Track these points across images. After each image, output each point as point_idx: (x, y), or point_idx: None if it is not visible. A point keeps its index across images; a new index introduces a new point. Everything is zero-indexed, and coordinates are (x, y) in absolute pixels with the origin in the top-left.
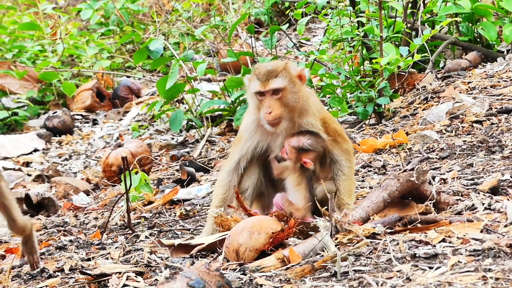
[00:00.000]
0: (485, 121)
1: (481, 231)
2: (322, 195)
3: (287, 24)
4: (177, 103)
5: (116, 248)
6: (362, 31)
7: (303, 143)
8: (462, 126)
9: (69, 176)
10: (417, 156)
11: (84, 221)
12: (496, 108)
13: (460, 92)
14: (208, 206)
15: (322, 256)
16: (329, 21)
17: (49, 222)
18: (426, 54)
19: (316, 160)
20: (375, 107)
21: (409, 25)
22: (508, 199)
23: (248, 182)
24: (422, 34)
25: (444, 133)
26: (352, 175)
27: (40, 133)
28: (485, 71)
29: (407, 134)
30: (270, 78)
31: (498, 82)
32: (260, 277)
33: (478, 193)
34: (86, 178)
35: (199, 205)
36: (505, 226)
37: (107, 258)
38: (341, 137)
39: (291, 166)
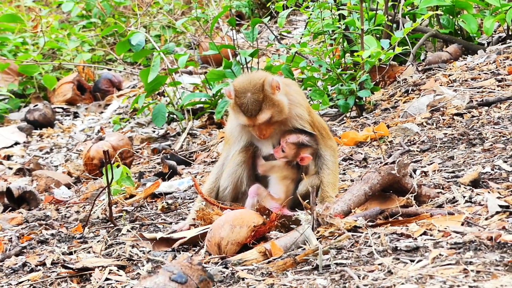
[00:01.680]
0: (466, 113)
1: (462, 224)
2: (306, 190)
3: (269, 17)
4: (158, 95)
5: (98, 242)
6: (343, 24)
7: (302, 139)
8: (442, 119)
9: (50, 170)
10: (398, 149)
11: (65, 214)
12: (476, 100)
13: (440, 85)
14: (190, 199)
15: (304, 249)
16: (310, 14)
17: (30, 215)
18: (407, 46)
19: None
20: (356, 100)
21: (390, 17)
22: (488, 192)
23: (229, 180)
24: (403, 27)
25: (425, 126)
26: (336, 170)
27: (21, 126)
28: (465, 64)
29: (388, 127)
30: (256, 113)
31: (479, 74)
32: (242, 270)
33: (459, 186)
34: (68, 172)
35: (181, 198)
36: (486, 219)
37: (89, 252)
38: (326, 132)
39: (280, 164)
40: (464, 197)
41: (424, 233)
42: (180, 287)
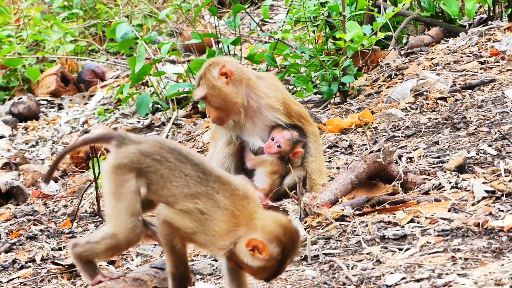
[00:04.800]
0: (449, 97)
1: (449, 211)
2: (293, 183)
3: (250, 3)
4: (142, 86)
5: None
6: (326, 10)
7: (295, 135)
8: (426, 103)
9: (36, 163)
10: (383, 135)
11: (53, 209)
12: (460, 84)
13: (423, 69)
14: None
15: None
16: (292, 1)
17: (18, 211)
18: (389, 32)
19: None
20: (340, 86)
21: (371, 2)
22: (474, 177)
23: None
24: (385, 11)
25: (409, 111)
26: (320, 156)
27: (5, 119)
28: (447, 47)
29: (372, 112)
30: (196, 87)
31: (461, 57)
32: None
33: (445, 172)
34: None
35: None
36: (473, 204)
37: None
38: (305, 119)
39: (271, 159)
40: (450, 183)
41: (411, 221)
42: (160, 271)
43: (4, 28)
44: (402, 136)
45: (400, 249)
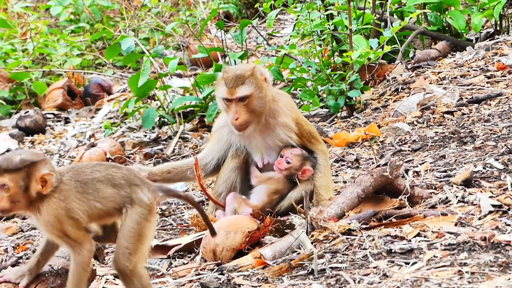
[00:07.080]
0: (456, 111)
1: (456, 225)
2: (299, 197)
3: (257, 18)
4: (148, 99)
5: None
6: (332, 24)
7: (304, 152)
8: (433, 117)
9: None
10: (390, 149)
11: None
12: (466, 98)
13: (430, 83)
14: (183, 204)
15: (299, 254)
16: (298, 15)
17: (25, 224)
18: (395, 45)
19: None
20: (346, 100)
21: (378, 16)
22: (481, 191)
23: (223, 186)
24: (391, 25)
25: (416, 125)
26: (328, 173)
27: (12, 133)
28: (454, 61)
29: (379, 126)
30: (237, 85)
31: (468, 71)
32: (238, 276)
33: (452, 186)
34: None
35: (175, 203)
36: (479, 218)
37: None
38: (315, 139)
39: (278, 177)
40: (456, 197)
41: (418, 235)
42: None
43: (9, 41)
44: (408, 150)
45: (407, 263)
